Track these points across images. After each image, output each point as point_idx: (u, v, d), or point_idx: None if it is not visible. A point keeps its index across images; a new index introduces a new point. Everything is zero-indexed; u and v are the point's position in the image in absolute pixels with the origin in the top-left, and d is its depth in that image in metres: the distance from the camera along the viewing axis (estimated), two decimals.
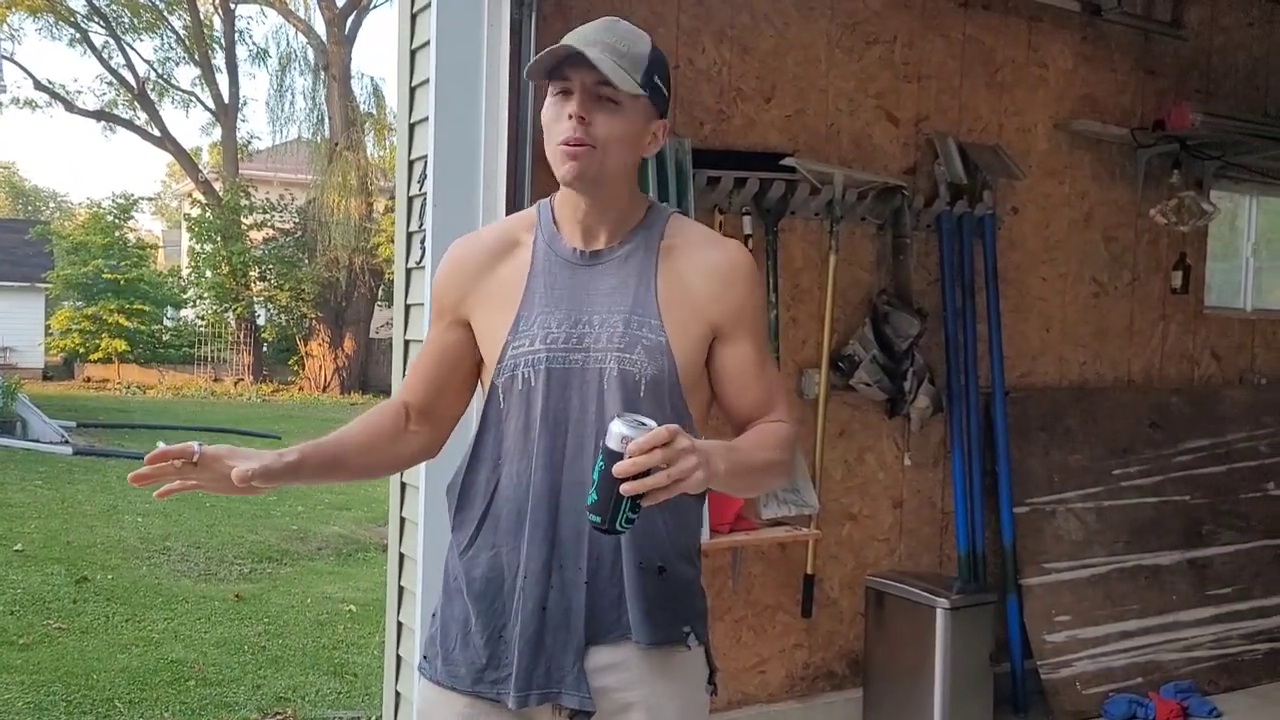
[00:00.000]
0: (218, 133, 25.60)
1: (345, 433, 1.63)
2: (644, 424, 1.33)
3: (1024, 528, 3.98)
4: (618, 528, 1.35)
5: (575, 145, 1.49)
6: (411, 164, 3.02)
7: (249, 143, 25.99)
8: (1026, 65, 4.10)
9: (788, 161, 3.49)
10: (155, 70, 25.60)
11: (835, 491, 3.76)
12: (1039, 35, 4.12)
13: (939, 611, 3.43)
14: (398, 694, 3.11)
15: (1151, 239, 4.47)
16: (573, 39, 1.49)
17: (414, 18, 2.98)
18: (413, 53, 2.99)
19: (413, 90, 3.00)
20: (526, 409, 1.55)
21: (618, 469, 1.30)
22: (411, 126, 3.02)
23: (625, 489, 1.31)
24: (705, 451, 1.36)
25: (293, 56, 23.62)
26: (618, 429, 1.33)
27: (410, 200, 3.04)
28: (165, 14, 24.72)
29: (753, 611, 3.64)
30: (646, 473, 1.30)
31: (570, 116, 1.49)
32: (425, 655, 1.65)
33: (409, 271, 3.06)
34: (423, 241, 2.87)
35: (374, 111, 22.82)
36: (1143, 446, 4.29)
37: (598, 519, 1.35)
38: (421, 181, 2.90)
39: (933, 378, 3.81)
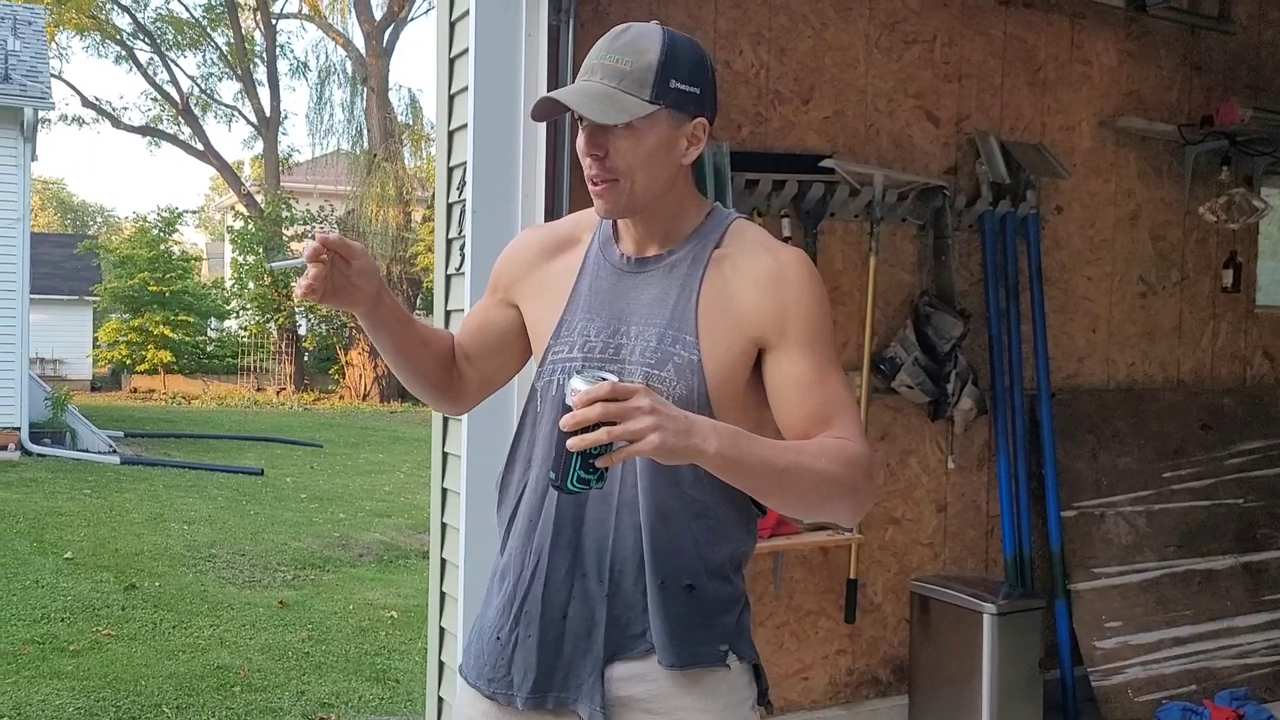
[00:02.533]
0: (259, 146, 26.02)
1: (418, 322, 1.65)
2: (604, 379, 1.26)
3: (1072, 532, 3.92)
4: (569, 487, 1.29)
5: (597, 183, 1.47)
6: (451, 171, 3.04)
7: (290, 155, 26.43)
8: (1070, 63, 4.04)
9: (827, 163, 3.46)
10: (199, 86, 26.09)
11: (878, 495, 3.72)
12: (1082, 32, 4.06)
13: (986, 617, 3.38)
14: (440, 699, 3.12)
15: (1200, 237, 4.39)
16: (586, 61, 1.46)
17: (452, 26, 3.00)
18: (451, 61, 3.01)
19: (451, 98, 3.02)
20: (558, 415, 1.48)
21: (561, 422, 1.25)
22: (450, 134, 3.03)
23: (570, 444, 1.25)
24: (683, 420, 1.26)
25: (332, 70, 23.99)
26: (573, 383, 1.27)
27: (449, 207, 3.05)
28: (208, 30, 25.18)
29: (795, 617, 3.61)
30: (597, 430, 1.23)
31: (586, 155, 1.46)
32: (464, 649, 1.66)
33: (449, 278, 3.07)
34: (462, 248, 2.88)
35: (411, 122, 23.09)
36: (1194, 448, 4.21)
37: (553, 476, 1.31)
38: (461, 188, 2.91)
39: (976, 379, 3.77)
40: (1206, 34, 4.30)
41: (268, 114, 24.76)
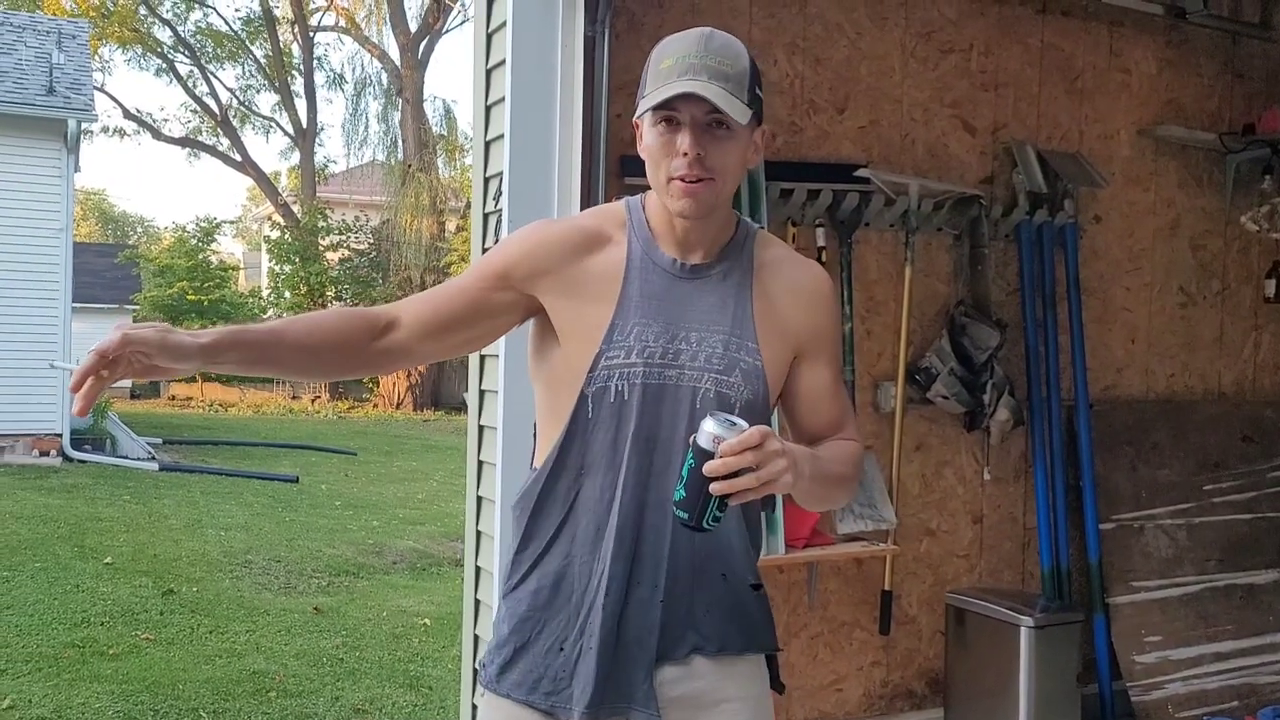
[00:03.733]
0: (296, 157, 26.33)
1: (286, 325, 1.53)
2: (735, 423, 1.33)
3: (1110, 544, 3.87)
4: (705, 525, 1.36)
5: (693, 181, 1.46)
6: (487, 181, 3.06)
7: (326, 166, 26.75)
8: (1108, 71, 4.01)
9: (862, 173, 3.46)
10: (237, 98, 26.47)
11: (913, 506, 3.69)
12: (1121, 40, 4.03)
13: (1023, 630, 3.34)
14: (474, 707, 3.12)
15: (1242, 247, 4.33)
16: (675, 62, 1.46)
17: (489, 37, 3.02)
18: (488, 72, 3.03)
19: (488, 108, 3.04)
20: (618, 422, 1.52)
21: (708, 468, 1.31)
22: (487, 144, 3.05)
23: (715, 488, 1.31)
24: (793, 455, 1.37)
25: (368, 81, 24.30)
26: (710, 428, 1.33)
27: (485, 217, 3.07)
28: (247, 43, 25.54)
29: (829, 628, 3.59)
30: (737, 473, 1.31)
31: (684, 153, 1.46)
32: (483, 663, 1.62)
33: None
34: None
35: (445, 133, 23.30)
36: (1236, 461, 4.15)
37: (685, 515, 1.36)
38: (497, 198, 2.93)
39: (1013, 390, 3.73)
40: (1248, 41, 4.25)
41: (304, 125, 25.06)
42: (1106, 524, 3.88)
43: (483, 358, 3.10)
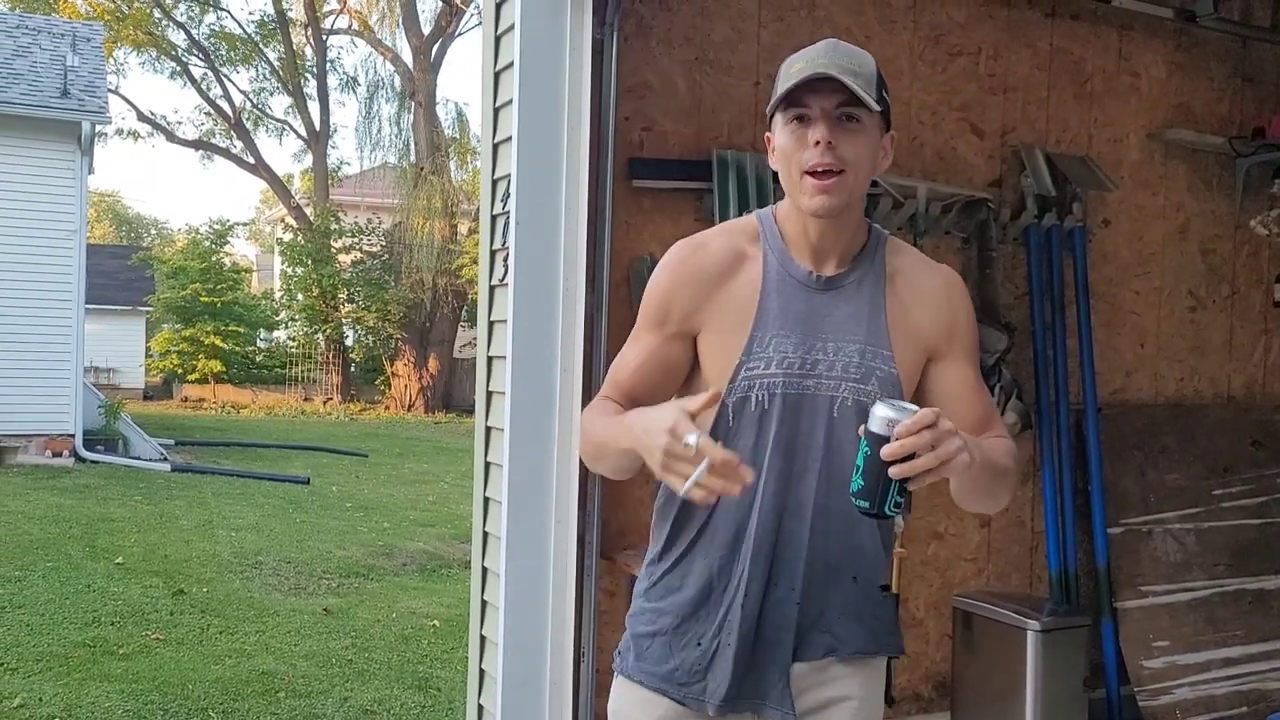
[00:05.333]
0: (309, 159, 26.39)
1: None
2: (906, 407, 1.34)
3: (1119, 549, 3.86)
4: (887, 511, 1.36)
5: (825, 174, 1.48)
6: (495, 183, 3.07)
7: (338, 168, 26.75)
8: (1117, 75, 4.00)
9: None
10: (250, 100, 26.53)
11: (920, 509, 3.69)
12: (1130, 44, 4.02)
13: (1030, 634, 3.34)
14: (480, 707, 3.14)
15: (1252, 251, 4.32)
16: (805, 64, 1.49)
17: (498, 40, 3.04)
18: (496, 74, 3.05)
19: (496, 111, 3.05)
20: (758, 431, 1.56)
21: (886, 451, 1.31)
22: (495, 146, 3.07)
23: (895, 471, 1.31)
24: (965, 436, 1.38)
25: (381, 84, 24.31)
26: (882, 413, 1.33)
27: (494, 219, 3.08)
28: (260, 46, 25.61)
29: None
30: (912, 456, 1.32)
31: (816, 143, 1.48)
32: (619, 651, 1.69)
33: (492, 289, 3.10)
34: (505, 259, 2.91)
35: (458, 136, 23.32)
36: (1245, 466, 4.13)
37: (866, 504, 1.36)
38: (505, 200, 2.94)
39: (1021, 393, 3.73)
40: (1258, 45, 4.23)
41: (317, 128, 25.13)
42: (1115, 528, 3.87)
43: (490, 359, 3.11)
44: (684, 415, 1.35)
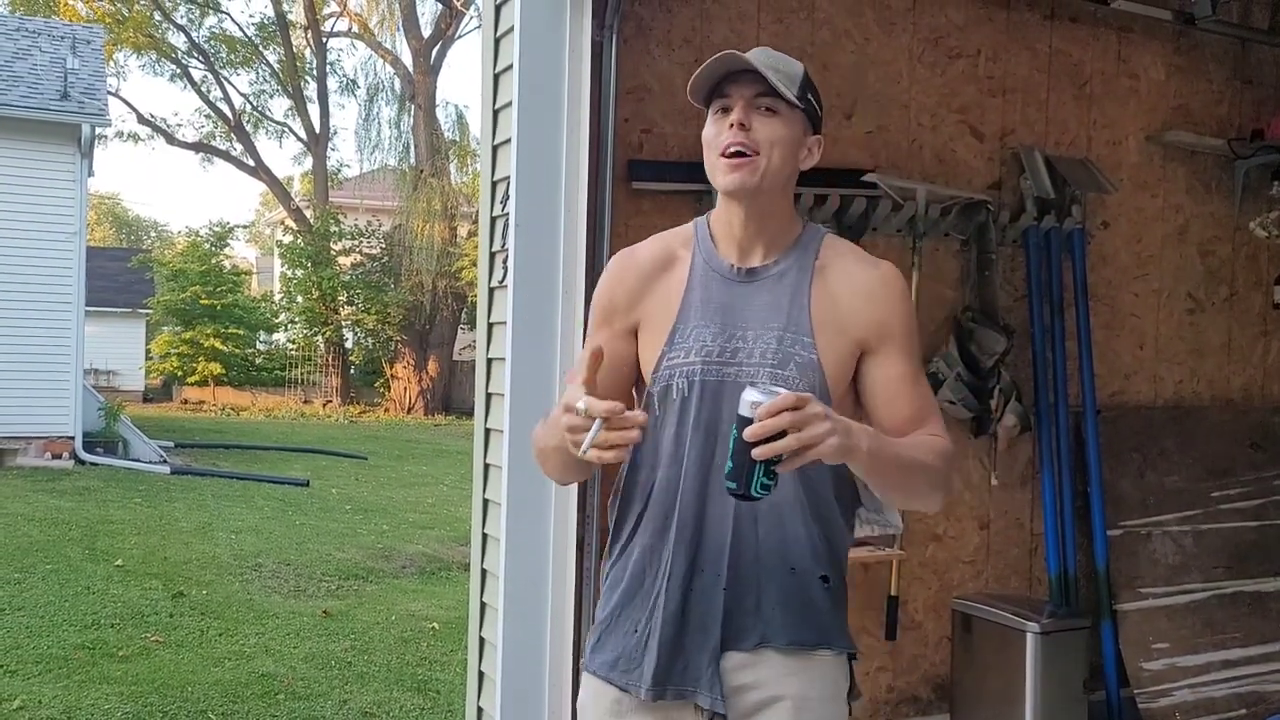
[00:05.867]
0: (309, 162, 26.41)
1: None
2: (775, 390, 1.36)
3: (1118, 551, 3.86)
4: (753, 493, 1.38)
5: (736, 153, 1.55)
6: (494, 185, 3.08)
7: (338, 171, 26.76)
8: (1116, 77, 4.01)
9: (869, 178, 3.46)
10: (250, 103, 26.56)
11: (919, 512, 3.68)
12: (1129, 46, 4.03)
13: (1029, 636, 3.34)
14: (480, 709, 3.13)
15: (1251, 253, 4.32)
16: (733, 60, 1.56)
17: (497, 42, 3.04)
18: (496, 76, 3.05)
19: (496, 113, 3.06)
20: (679, 418, 1.61)
21: (747, 433, 1.34)
22: (495, 148, 3.07)
23: (756, 453, 1.34)
24: (844, 423, 1.39)
25: (380, 87, 24.30)
26: (750, 396, 1.36)
27: (493, 221, 3.09)
28: (260, 49, 25.64)
29: None
30: (745, 451, 1.34)
31: (731, 125, 1.56)
32: (590, 645, 1.73)
33: (491, 291, 3.10)
34: (505, 261, 2.91)
35: (457, 138, 23.33)
36: (1243, 468, 4.14)
37: (733, 485, 1.39)
38: (504, 202, 2.95)
39: (1020, 396, 3.73)
40: (1257, 47, 4.24)
41: (317, 130, 25.14)
42: (1114, 530, 3.87)
43: (490, 361, 3.11)
44: (577, 388, 1.43)
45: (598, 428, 1.38)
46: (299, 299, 22.92)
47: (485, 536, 3.11)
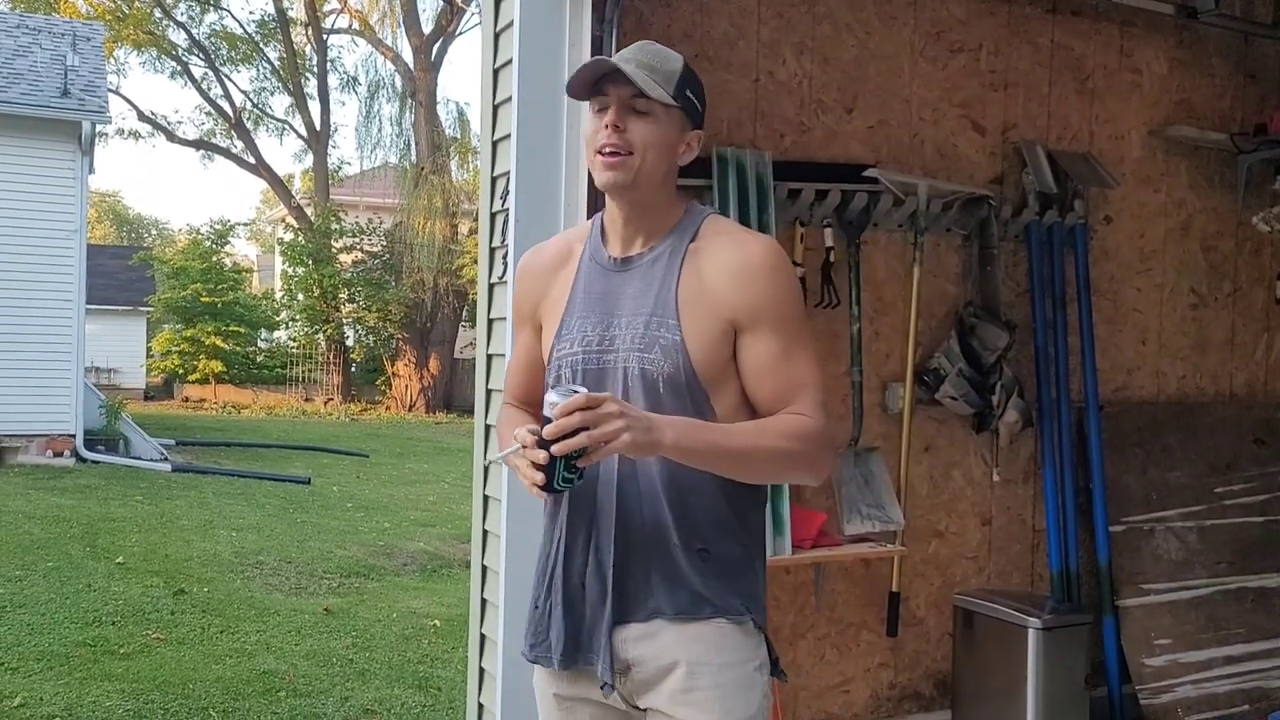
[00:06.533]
0: (309, 159, 26.39)
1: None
2: (575, 390, 1.48)
3: (1120, 547, 3.85)
4: (556, 486, 1.50)
5: (610, 153, 1.61)
6: (494, 181, 3.06)
7: (339, 168, 26.77)
8: (1118, 71, 3.99)
9: (870, 173, 3.45)
10: (251, 100, 26.55)
11: (921, 508, 3.68)
12: (1131, 40, 4.01)
13: (1031, 632, 3.33)
14: (480, 706, 3.13)
15: (1254, 248, 4.31)
16: (604, 60, 1.63)
17: (497, 37, 3.03)
18: (495, 71, 3.04)
19: (495, 108, 3.05)
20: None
21: (545, 432, 1.46)
22: (494, 144, 3.06)
23: (554, 450, 1.45)
24: (645, 419, 1.49)
25: (381, 84, 24.30)
26: (549, 397, 1.48)
27: (493, 216, 3.08)
28: (261, 46, 25.61)
29: (836, 629, 3.58)
30: (577, 435, 1.44)
31: (606, 126, 1.61)
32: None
33: (491, 287, 3.09)
34: (505, 257, 2.90)
35: (458, 135, 23.31)
36: (1247, 463, 4.12)
37: (539, 478, 1.50)
38: (504, 198, 2.94)
39: (1022, 391, 3.72)
40: (1260, 41, 4.22)
41: (318, 128, 25.12)
42: (1116, 526, 3.86)
43: (490, 357, 3.10)
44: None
45: (514, 450, 1.53)
46: (300, 297, 22.91)
47: (485, 533, 3.10)
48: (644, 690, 1.66)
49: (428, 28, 22.66)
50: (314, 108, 25.21)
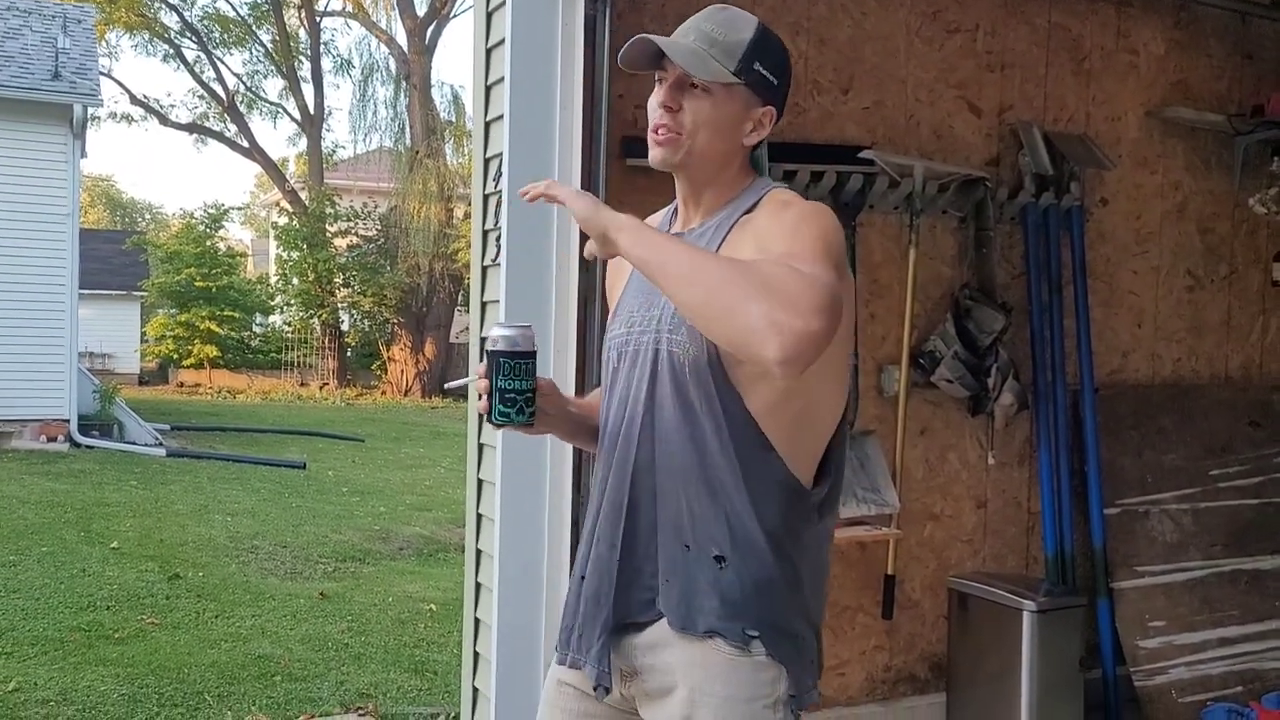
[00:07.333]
0: (303, 143, 26.29)
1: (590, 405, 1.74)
2: (520, 325, 1.51)
3: (1115, 529, 3.85)
4: (493, 419, 1.51)
5: (662, 133, 1.53)
6: (487, 162, 3.04)
7: (333, 152, 26.60)
8: (1115, 52, 3.97)
9: (866, 154, 3.43)
10: (244, 83, 26.43)
11: (916, 490, 3.67)
12: (1129, 21, 3.99)
13: (1025, 614, 3.33)
14: (475, 690, 3.13)
15: (1250, 229, 4.29)
16: (676, 31, 1.55)
17: (489, 16, 2.99)
18: (488, 51, 3.01)
19: (488, 89, 3.02)
20: (611, 387, 1.62)
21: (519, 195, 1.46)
22: (487, 125, 3.03)
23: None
24: (605, 207, 1.43)
25: (375, 67, 24.18)
26: (493, 333, 1.50)
27: (486, 198, 3.05)
28: (254, 28, 25.47)
29: (831, 613, 3.58)
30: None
31: (661, 105, 1.53)
32: None
33: (485, 270, 3.07)
34: (498, 239, 2.88)
35: (453, 119, 23.19)
36: (1242, 446, 4.12)
37: (483, 406, 1.52)
38: (497, 179, 2.91)
39: (1017, 374, 3.71)
40: (1258, 22, 4.20)
41: (312, 111, 25.00)
42: (1111, 509, 3.86)
43: (484, 340, 3.08)
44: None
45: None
46: (295, 281, 22.85)
47: (480, 517, 3.09)
48: (645, 703, 1.55)
49: (422, 10, 22.55)
50: (308, 91, 25.11)
